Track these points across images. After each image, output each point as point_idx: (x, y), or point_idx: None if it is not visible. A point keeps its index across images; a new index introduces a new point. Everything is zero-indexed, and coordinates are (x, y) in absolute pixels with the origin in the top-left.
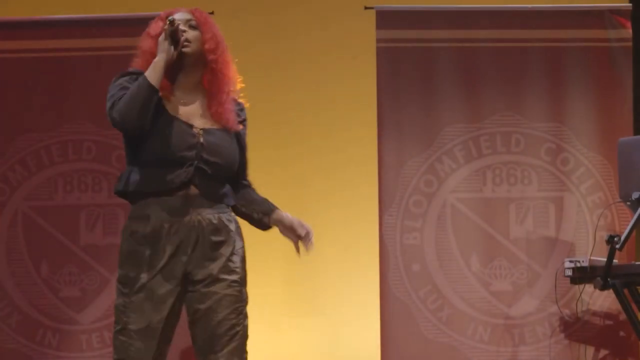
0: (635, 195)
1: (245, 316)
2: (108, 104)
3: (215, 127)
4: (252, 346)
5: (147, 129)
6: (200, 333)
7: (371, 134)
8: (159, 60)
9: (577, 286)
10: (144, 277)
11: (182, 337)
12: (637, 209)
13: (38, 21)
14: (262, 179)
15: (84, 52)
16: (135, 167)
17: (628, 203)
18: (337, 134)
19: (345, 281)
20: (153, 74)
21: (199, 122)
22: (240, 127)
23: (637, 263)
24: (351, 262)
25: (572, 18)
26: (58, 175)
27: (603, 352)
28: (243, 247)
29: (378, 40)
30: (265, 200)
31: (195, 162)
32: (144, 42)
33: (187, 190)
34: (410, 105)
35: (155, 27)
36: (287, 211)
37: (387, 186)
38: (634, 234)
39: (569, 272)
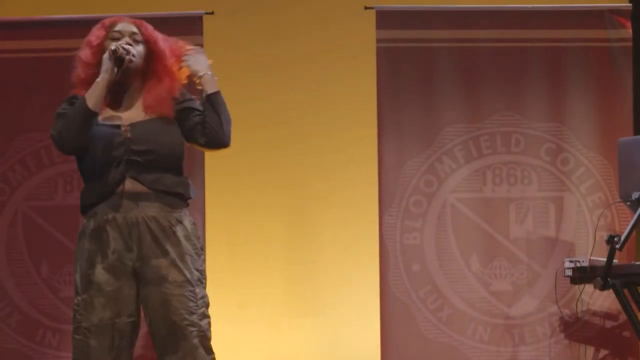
0: (635, 195)
1: (203, 316)
2: (52, 128)
3: (148, 118)
4: (252, 346)
5: (86, 148)
6: (155, 333)
7: (371, 134)
8: (101, 82)
9: (577, 286)
10: (91, 273)
11: None
12: (637, 209)
13: (38, 21)
14: (262, 178)
15: None
16: (85, 183)
17: (628, 203)
18: (337, 134)
19: (345, 281)
20: (93, 96)
21: (131, 118)
22: (172, 112)
23: (637, 263)
24: (351, 262)
25: (572, 18)
26: (58, 175)
27: (603, 352)
28: (197, 247)
29: (378, 40)
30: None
31: (124, 156)
32: (83, 51)
33: (123, 187)
34: (410, 105)
35: (96, 35)
36: (287, 211)
37: (387, 186)
38: (634, 234)
39: (569, 272)
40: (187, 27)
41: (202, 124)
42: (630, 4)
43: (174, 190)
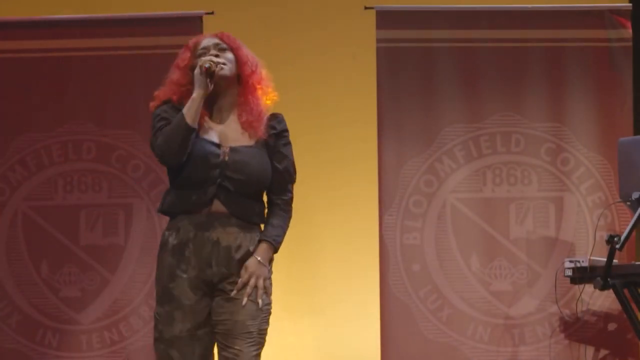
0: (635, 195)
1: (264, 322)
2: (152, 137)
3: (246, 144)
4: None
5: (185, 160)
6: (219, 335)
7: (371, 134)
8: (197, 97)
9: (577, 286)
10: (172, 286)
11: None
12: (637, 209)
13: (38, 21)
14: None
15: (84, 52)
16: (172, 188)
17: (628, 203)
18: (337, 134)
19: (345, 281)
20: (191, 112)
21: (230, 140)
22: (266, 134)
23: (637, 263)
24: (351, 262)
25: (572, 18)
26: (58, 175)
27: (603, 352)
28: (269, 272)
29: (378, 40)
30: (267, 227)
31: (218, 180)
32: (172, 74)
33: (210, 208)
34: (410, 105)
35: (183, 58)
36: None
37: (387, 186)
38: (634, 234)
39: (569, 272)
40: (187, 27)
41: (271, 207)
42: (630, 4)
43: (251, 220)
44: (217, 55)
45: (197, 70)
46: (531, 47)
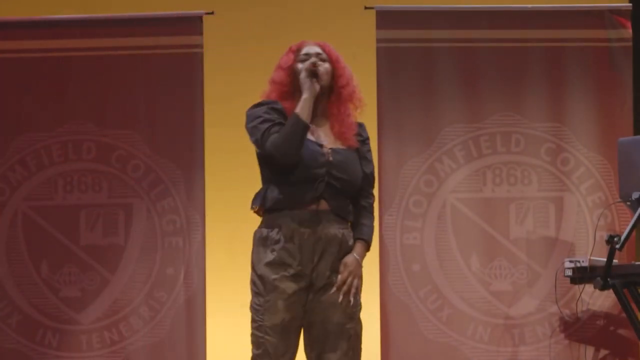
0: (635, 195)
1: (359, 320)
2: (255, 136)
3: (340, 147)
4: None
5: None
6: (315, 334)
7: (371, 134)
8: (308, 98)
9: (577, 286)
10: (276, 278)
11: None
12: (637, 209)
13: (38, 21)
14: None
15: (84, 52)
16: (272, 185)
17: (628, 203)
18: None
19: None
20: (304, 111)
21: (327, 142)
22: (357, 143)
23: (637, 263)
24: None
25: (572, 18)
26: (58, 175)
27: (603, 352)
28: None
29: (378, 40)
30: (361, 227)
31: (326, 178)
32: (276, 74)
33: (317, 205)
34: (410, 105)
35: (286, 59)
36: None
37: (387, 186)
38: (634, 234)
39: (569, 272)
40: (187, 27)
41: (360, 210)
42: (630, 4)
43: (347, 218)
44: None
45: (302, 75)
46: (531, 47)
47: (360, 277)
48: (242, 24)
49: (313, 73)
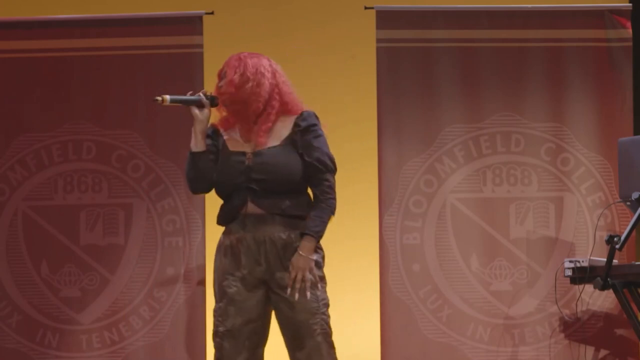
0: (635, 195)
1: (323, 314)
2: None
3: (271, 145)
4: None
5: (211, 182)
6: (285, 333)
7: (371, 133)
8: (195, 130)
9: (577, 286)
10: (226, 284)
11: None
12: (637, 209)
13: (38, 21)
14: None
15: (84, 52)
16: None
17: (628, 203)
18: (337, 134)
19: (345, 281)
20: (193, 142)
21: (258, 145)
22: (287, 133)
23: (637, 263)
24: (351, 262)
25: (572, 18)
26: (58, 175)
27: (603, 352)
28: (318, 257)
29: (378, 40)
30: (307, 222)
31: (244, 184)
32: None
33: (246, 210)
34: (410, 105)
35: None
36: None
37: (387, 186)
38: (634, 234)
39: (569, 272)
40: (187, 27)
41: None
42: (630, 4)
43: (293, 214)
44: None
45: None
46: (531, 47)
47: (311, 269)
48: (242, 24)
49: (198, 103)
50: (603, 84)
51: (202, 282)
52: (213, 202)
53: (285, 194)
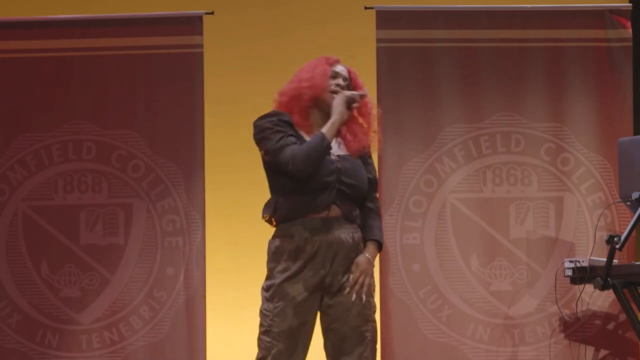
0: (635, 195)
1: (374, 321)
2: (267, 146)
3: (346, 154)
4: (252, 346)
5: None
6: (332, 338)
7: None
8: (337, 122)
9: (577, 286)
10: (286, 285)
11: None
12: (637, 209)
13: (38, 21)
14: (262, 177)
15: (84, 52)
16: (282, 193)
17: (628, 203)
18: None
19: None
20: (331, 134)
21: (335, 150)
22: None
23: (637, 263)
24: None
25: (572, 18)
26: (58, 175)
27: (603, 352)
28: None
29: (378, 40)
30: (371, 228)
31: (336, 185)
32: (309, 82)
33: (328, 212)
34: (410, 105)
35: (322, 71)
36: None
37: (387, 186)
38: (634, 234)
39: (569, 272)
40: (187, 27)
41: (367, 214)
42: (630, 4)
43: (356, 222)
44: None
45: (338, 100)
46: (531, 47)
47: (372, 277)
48: (242, 24)
49: (350, 102)
50: (603, 84)
51: (202, 282)
52: (213, 202)
53: (357, 203)
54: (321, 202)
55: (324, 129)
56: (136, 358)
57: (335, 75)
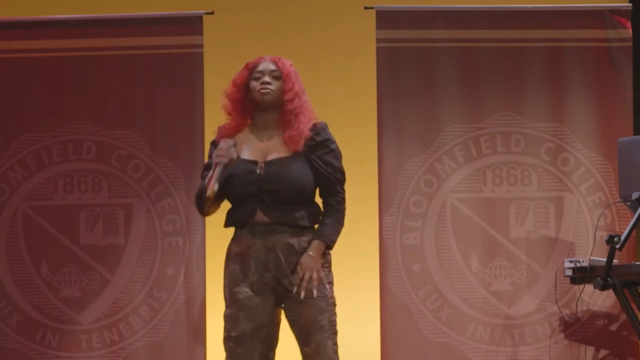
0: (635, 195)
1: (330, 311)
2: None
3: (283, 155)
4: None
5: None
6: (295, 332)
7: (371, 134)
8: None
9: (577, 286)
10: (237, 291)
11: None
12: (637, 209)
13: (37, 21)
14: None
15: (84, 52)
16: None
17: (628, 203)
18: (337, 134)
19: (345, 281)
20: (210, 189)
21: (270, 154)
22: (302, 148)
23: (637, 263)
24: (351, 261)
25: (572, 18)
26: (58, 175)
27: (603, 352)
28: (325, 259)
29: (378, 40)
30: (321, 227)
31: (257, 194)
32: (228, 89)
33: (254, 219)
34: (410, 105)
35: (240, 75)
36: None
37: (387, 186)
38: (634, 234)
39: (569, 272)
40: (187, 27)
41: (325, 209)
42: (630, 4)
43: (299, 225)
44: (269, 82)
45: (214, 159)
46: (531, 47)
47: (319, 270)
48: (242, 24)
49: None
50: (603, 84)
51: (202, 282)
52: None
53: (295, 205)
54: (245, 211)
55: (207, 179)
56: (136, 358)
57: (259, 75)
